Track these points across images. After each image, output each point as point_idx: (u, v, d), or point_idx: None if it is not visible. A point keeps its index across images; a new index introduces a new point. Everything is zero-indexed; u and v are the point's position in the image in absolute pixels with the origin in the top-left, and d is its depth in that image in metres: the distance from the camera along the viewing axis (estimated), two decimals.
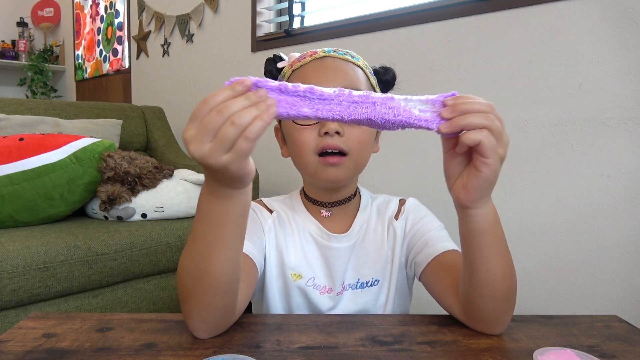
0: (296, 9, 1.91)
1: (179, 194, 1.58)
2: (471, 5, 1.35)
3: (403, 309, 0.73)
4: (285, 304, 0.70)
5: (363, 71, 0.67)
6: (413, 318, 0.61)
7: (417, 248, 0.67)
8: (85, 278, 1.26)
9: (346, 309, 0.69)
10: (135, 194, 1.53)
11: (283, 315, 0.64)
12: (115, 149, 1.60)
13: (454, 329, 0.57)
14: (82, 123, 1.85)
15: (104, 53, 3.16)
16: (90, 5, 3.29)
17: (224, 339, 0.53)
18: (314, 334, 0.55)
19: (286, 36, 1.89)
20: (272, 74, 0.72)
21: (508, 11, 1.27)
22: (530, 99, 1.24)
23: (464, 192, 0.48)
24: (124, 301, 1.38)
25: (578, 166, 1.17)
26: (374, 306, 0.70)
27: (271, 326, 0.57)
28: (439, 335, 0.55)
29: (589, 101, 1.15)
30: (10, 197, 1.35)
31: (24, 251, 1.18)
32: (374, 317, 0.62)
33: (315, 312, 0.69)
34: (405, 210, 0.72)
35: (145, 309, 1.43)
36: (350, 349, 0.51)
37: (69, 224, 1.43)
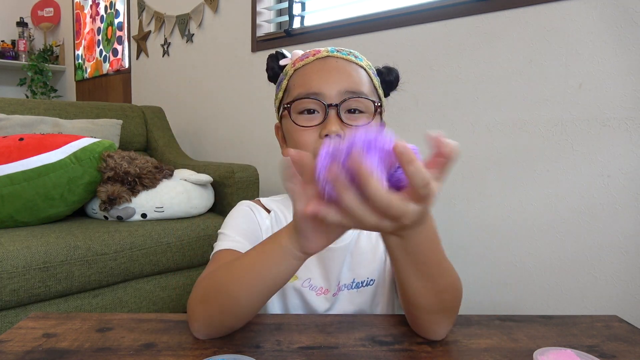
0: (296, 9, 1.91)
1: (179, 194, 1.58)
2: (471, 5, 1.35)
3: (399, 309, 0.73)
4: (282, 305, 0.70)
5: (366, 72, 0.66)
6: None
7: None
8: (85, 278, 1.26)
9: (342, 310, 0.69)
10: (135, 194, 1.53)
11: (283, 315, 0.64)
12: (115, 149, 1.60)
13: (454, 329, 0.57)
14: (82, 123, 1.85)
15: (104, 53, 3.16)
16: (90, 5, 3.29)
17: (223, 339, 0.53)
18: (314, 334, 0.55)
19: (286, 36, 1.89)
20: (274, 71, 0.72)
21: (508, 11, 1.27)
22: (530, 99, 1.24)
23: None
24: (124, 301, 1.38)
25: (578, 166, 1.17)
26: (370, 306, 0.70)
27: (271, 326, 0.57)
28: None
29: (589, 101, 1.15)
30: (10, 197, 1.35)
31: (24, 251, 1.18)
32: (374, 317, 0.62)
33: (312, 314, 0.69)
34: None
35: (145, 309, 1.43)
36: (350, 349, 0.51)
37: (69, 224, 1.43)
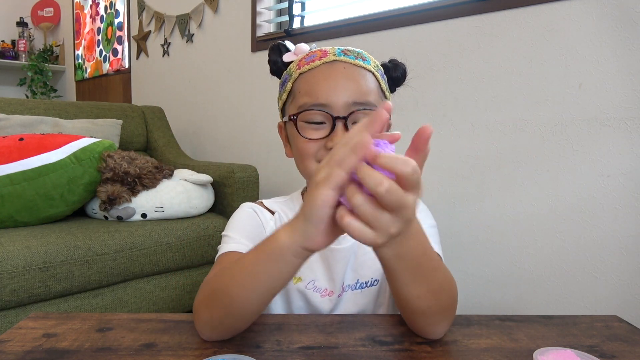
0: (296, 9, 1.91)
1: (179, 194, 1.58)
2: (471, 5, 1.35)
3: None
4: (285, 307, 0.70)
5: (374, 75, 0.65)
6: None
7: None
8: (85, 278, 1.26)
9: (346, 311, 0.68)
10: (135, 194, 1.53)
11: (283, 316, 0.64)
12: (115, 149, 1.60)
13: (454, 329, 0.57)
14: (82, 123, 1.85)
15: (104, 53, 3.16)
16: (90, 5, 3.29)
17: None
18: (314, 334, 0.55)
19: (286, 36, 1.89)
20: (277, 65, 0.71)
21: (508, 11, 1.27)
22: (530, 99, 1.24)
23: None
24: (124, 301, 1.38)
25: (578, 166, 1.17)
26: (373, 307, 0.70)
27: (271, 326, 0.57)
28: None
29: (589, 101, 1.15)
30: (10, 197, 1.35)
31: (24, 251, 1.18)
32: (374, 317, 0.62)
33: None
34: None
35: (145, 309, 1.43)
36: (350, 349, 0.51)
37: (69, 224, 1.43)
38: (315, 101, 0.61)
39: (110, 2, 3.04)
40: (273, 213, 0.72)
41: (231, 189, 1.69)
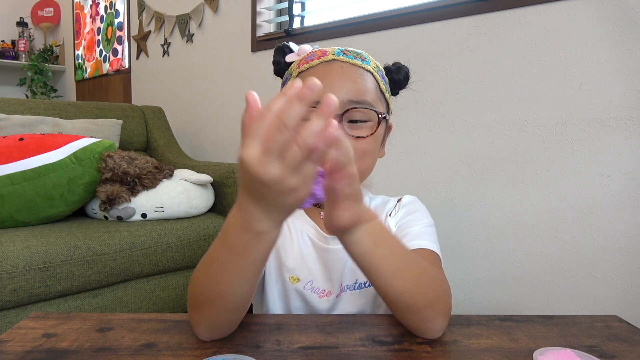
0: (296, 9, 1.91)
1: (179, 194, 1.58)
2: (471, 5, 1.35)
3: None
4: (284, 306, 0.70)
5: (373, 76, 0.65)
6: None
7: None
8: (85, 278, 1.26)
9: (345, 311, 0.68)
10: (135, 194, 1.53)
11: (283, 316, 0.64)
12: (115, 149, 1.60)
13: (454, 329, 0.57)
14: (82, 123, 1.85)
15: (104, 53, 3.16)
16: (90, 5, 3.29)
17: (223, 338, 0.53)
18: (314, 334, 0.55)
19: (286, 36, 1.89)
20: (280, 65, 0.71)
21: (508, 11, 1.27)
22: (530, 99, 1.24)
23: (326, 224, 0.48)
24: (124, 301, 1.38)
25: (578, 166, 1.17)
26: (372, 307, 0.70)
27: (271, 326, 0.57)
28: None
29: (589, 101, 1.15)
30: (10, 197, 1.35)
31: (24, 251, 1.18)
32: (374, 317, 0.61)
33: None
34: (401, 207, 0.72)
35: (145, 309, 1.43)
36: (350, 349, 0.51)
37: (69, 224, 1.43)
38: None
39: (110, 2, 3.04)
40: None
41: (231, 189, 1.69)
